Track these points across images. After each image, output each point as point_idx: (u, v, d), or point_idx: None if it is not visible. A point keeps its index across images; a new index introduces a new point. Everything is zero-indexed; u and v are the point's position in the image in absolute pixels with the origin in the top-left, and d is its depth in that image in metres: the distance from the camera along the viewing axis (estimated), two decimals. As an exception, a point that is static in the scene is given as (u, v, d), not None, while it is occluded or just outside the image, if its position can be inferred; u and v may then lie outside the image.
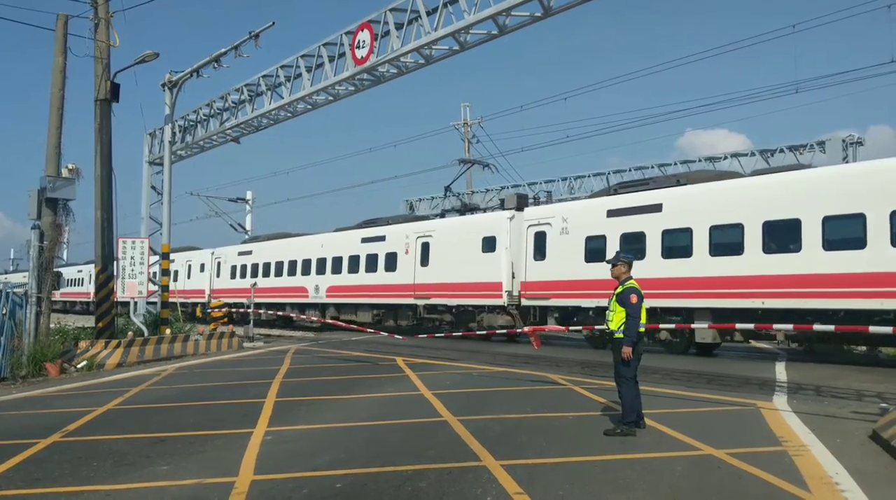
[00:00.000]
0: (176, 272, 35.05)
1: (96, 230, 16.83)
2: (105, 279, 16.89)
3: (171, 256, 35.16)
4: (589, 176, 29.66)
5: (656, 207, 16.06)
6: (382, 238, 24.26)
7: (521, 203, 20.60)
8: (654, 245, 15.87)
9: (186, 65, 20.97)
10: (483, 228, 20.72)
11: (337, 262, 26.11)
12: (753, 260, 14.12)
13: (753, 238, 14.17)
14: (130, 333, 17.36)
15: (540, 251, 18.63)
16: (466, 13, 15.39)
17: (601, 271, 16.27)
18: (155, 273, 21.69)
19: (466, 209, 23.86)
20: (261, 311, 26.53)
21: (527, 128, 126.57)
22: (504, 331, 18.91)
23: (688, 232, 15.29)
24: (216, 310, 24.05)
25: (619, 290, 7.62)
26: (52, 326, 16.41)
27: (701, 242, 15.03)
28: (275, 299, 28.74)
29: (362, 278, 24.63)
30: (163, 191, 21.93)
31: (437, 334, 18.19)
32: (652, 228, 15.98)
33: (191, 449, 6.97)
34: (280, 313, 25.53)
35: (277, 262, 29.67)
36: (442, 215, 24.51)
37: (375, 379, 12.24)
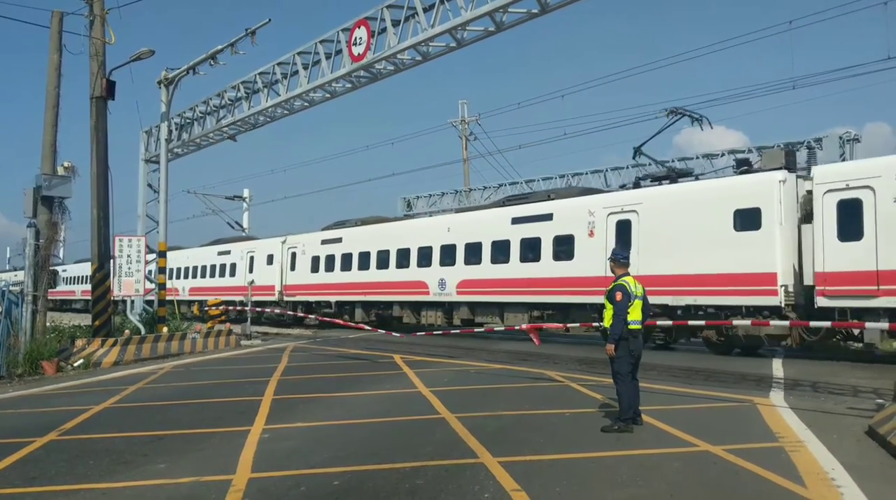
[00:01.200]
0: (233, 266, 32.33)
1: (92, 228, 16.79)
2: (101, 277, 16.87)
3: (227, 246, 33.82)
4: (587, 173, 29.64)
5: None
6: (548, 217, 18.71)
7: (791, 162, 15.29)
8: None
9: (182, 62, 20.90)
10: (734, 196, 14.86)
11: (473, 250, 20.73)
12: None
13: None
14: (127, 331, 17.34)
15: (851, 228, 13.16)
16: (463, 10, 15.37)
17: None
18: (151, 271, 21.63)
19: (677, 176, 17.45)
20: (321, 318, 23.87)
21: (524, 125, 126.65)
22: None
23: None
24: (214, 308, 23.98)
25: (610, 287, 7.66)
26: (48, 324, 16.38)
27: None
28: (375, 295, 24.16)
29: (515, 269, 19.28)
30: (159, 189, 21.91)
31: (434, 332, 18.10)
32: None
33: (188, 447, 6.96)
34: (381, 330, 19.40)
35: (380, 250, 24.09)
36: (636, 185, 18.21)
37: (373, 377, 12.24)
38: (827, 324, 11.88)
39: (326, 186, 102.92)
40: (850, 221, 13.23)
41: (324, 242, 27.17)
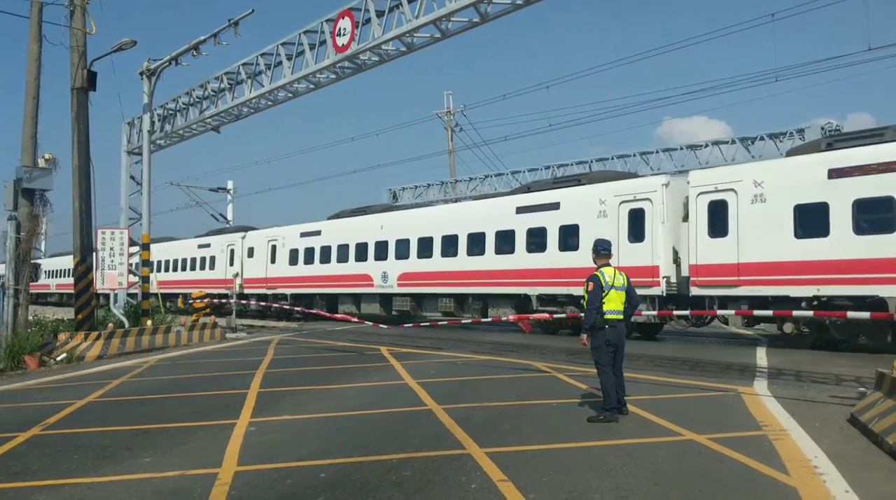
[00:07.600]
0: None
1: (75, 221, 16.59)
2: (84, 271, 16.68)
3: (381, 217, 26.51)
4: (572, 164, 29.72)
5: None
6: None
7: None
8: None
9: (165, 53, 20.67)
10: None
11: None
12: None
13: None
14: (111, 324, 17.17)
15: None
16: (447, 0, 15.29)
17: None
18: (134, 264, 21.40)
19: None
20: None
21: (509, 116, 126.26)
22: None
23: None
24: (198, 301, 23.79)
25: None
26: (30, 318, 16.19)
27: None
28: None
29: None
30: (142, 181, 21.64)
31: (422, 324, 18.11)
32: None
33: (173, 441, 6.92)
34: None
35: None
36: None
37: (360, 369, 12.23)
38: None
39: (311, 178, 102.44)
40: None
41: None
